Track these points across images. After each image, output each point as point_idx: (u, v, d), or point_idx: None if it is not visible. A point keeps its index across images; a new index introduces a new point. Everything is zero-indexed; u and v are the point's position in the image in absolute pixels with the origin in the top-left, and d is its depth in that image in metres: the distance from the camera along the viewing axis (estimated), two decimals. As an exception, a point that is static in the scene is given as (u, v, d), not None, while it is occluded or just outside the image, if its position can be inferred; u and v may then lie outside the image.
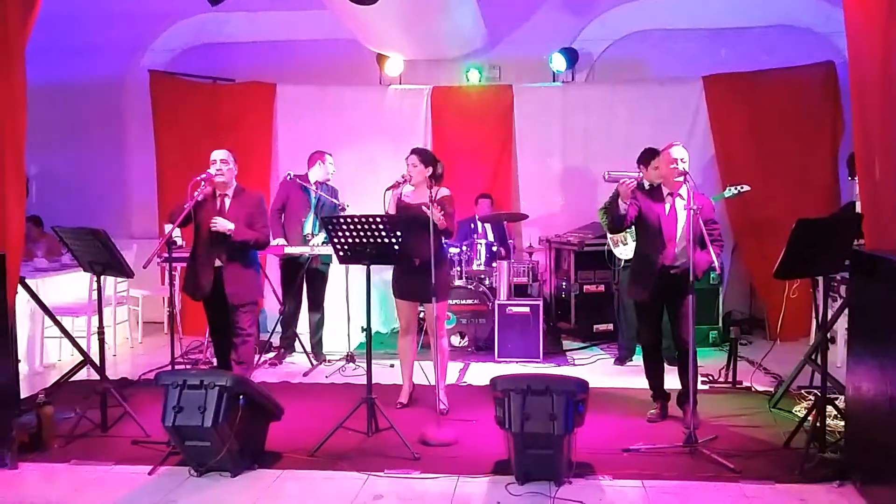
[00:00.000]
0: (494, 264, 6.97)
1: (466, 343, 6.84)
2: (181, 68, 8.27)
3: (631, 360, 6.40)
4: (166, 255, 4.87)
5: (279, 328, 6.72)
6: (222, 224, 4.84)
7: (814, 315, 6.13)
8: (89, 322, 6.36)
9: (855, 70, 4.45)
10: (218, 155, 4.94)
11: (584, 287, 7.29)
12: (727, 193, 6.51)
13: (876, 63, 4.14)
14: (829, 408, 4.26)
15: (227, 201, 4.96)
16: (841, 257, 4.16)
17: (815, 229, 4.08)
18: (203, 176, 4.79)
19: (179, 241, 5.69)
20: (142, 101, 8.06)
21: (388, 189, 4.93)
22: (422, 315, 5.67)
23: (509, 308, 6.54)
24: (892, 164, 3.96)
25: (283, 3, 7.83)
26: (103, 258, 4.65)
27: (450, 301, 6.39)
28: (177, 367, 4.99)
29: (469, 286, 6.85)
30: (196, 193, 4.75)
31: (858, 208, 4.72)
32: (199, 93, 7.95)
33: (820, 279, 4.80)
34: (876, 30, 4.11)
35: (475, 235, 7.30)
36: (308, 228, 6.39)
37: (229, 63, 8.24)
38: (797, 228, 4.00)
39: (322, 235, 6.29)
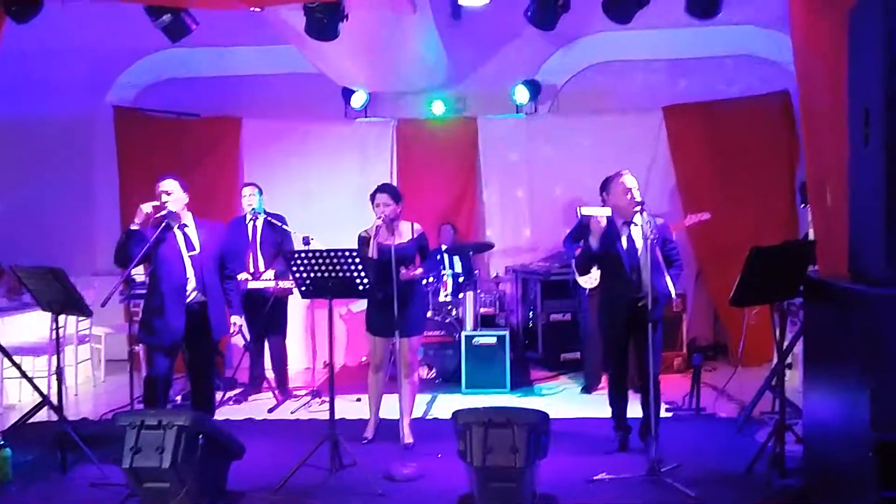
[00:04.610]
0: (461, 295, 6.98)
1: (434, 375, 6.83)
2: (146, 104, 8.26)
3: (597, 389, 6.42)
4: (127, 292, 4.82)
5: (244, 364, 6.67)
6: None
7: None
8: (49, 362, 6.25)
9: (804, 99, 4.57)
10: (162, 186, 4.77)
11: (551, 316, 7.33)
12: None
13: (825, 93, 4.25)
14: (790, 433, 4.32)
15: (192, 232, 4.83)
16: (795, 284, 4.24)
17: (769, 257, 4.16)
18: (163, 213, 4.74)
19: (140, 279, 5.64)
20: (107, 136, 8.02)
21: (364, 235, 5.00)
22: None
23: (476, 339, 6.54)
24: (842, 192, 4.05)
25: (247, 38, 7.85)
26: (62, 297, 4.60)
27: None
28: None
29: (436, 317, 6.85)
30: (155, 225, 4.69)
31: (811, 235, 4.83)
32: (164, 128, 7.93)
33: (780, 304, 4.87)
34: (824, 60, 4.22)
35: (441, 267, 7.32)
36: (251, 266, 6.37)
37: (195, 98, 8.23)
38: (751, 256, 4.09)
39: (272, 270, 6.31)
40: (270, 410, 6.11)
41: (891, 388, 3.20)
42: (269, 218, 6.45)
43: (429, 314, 6.77)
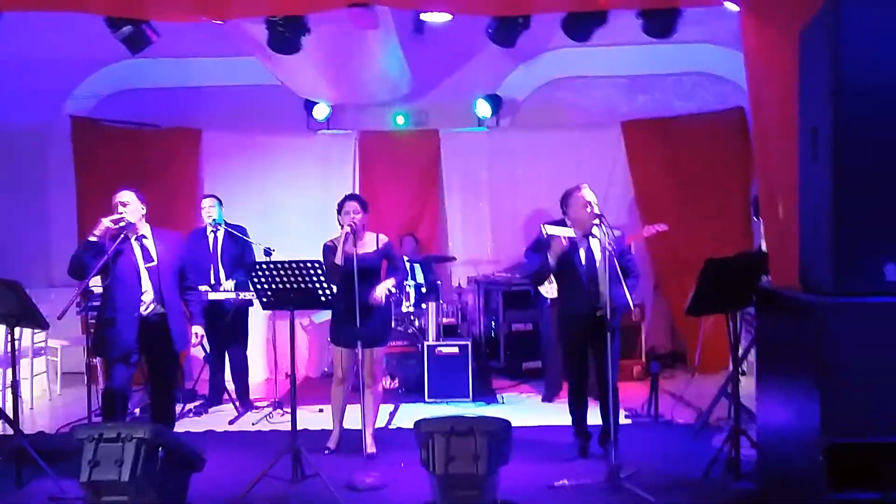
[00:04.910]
0: (424, 306, 7.02)
1: (397, 385, 6.85)
2: (105, 114, 8.14)
3: (558, 397, 6.50)
4: (84, 304, 4.77)
5: (204, 376, 6.62)
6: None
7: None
8: (4, 375, 6.14)
9: (757, 116, 4.71)
10: (118, 197, 4.74)
11: (513, 326, 7.41)
12: None
13: (776, 110, 4.39)
14: (745, 438, 4.44)
15: (149, 244, 4.80)
16: (748, 294, 4.36)
17: (723, 268, 4.28)
18: (121, 225, 4.70)
19: (97, 290, 5.57)
20: (64, 147, 7.89)
21: (330, 244, 5.03)
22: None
23: (438, 349, 6.59)
24: (793, 206, 4.18)
25: (208, 49, 7.81)
26: (17, 310, 4.54)
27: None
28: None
29: (399, 328, 6.86)
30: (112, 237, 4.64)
31: (763, 247, 4.97)
32: (123, 139, 7.84)
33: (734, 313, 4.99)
34: (775, 78, 4.36)
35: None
36: (212, 278, 6.32)
37: (154, 109, 8.15)
38: (706, 268, 4.21)
39: (232, 281, 6.28)
40: (231, 422, 6.07)
41: (840, 393, 3.32)
42: (229, 229, 6.43)
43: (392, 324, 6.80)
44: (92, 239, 4.58)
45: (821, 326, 3.36)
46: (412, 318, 7.07)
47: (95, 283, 5.06)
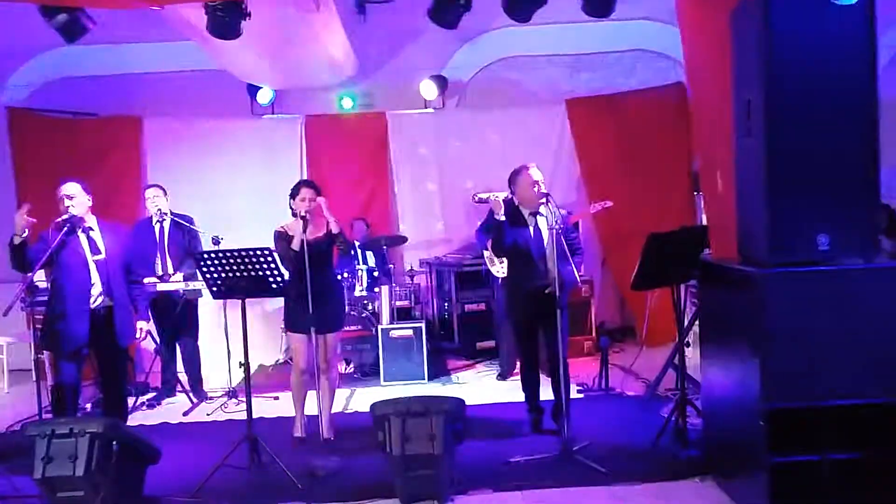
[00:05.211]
0: (376, 289, 7.04)
1: (352, 369, 6.88)
2: (41, 104, 7.93)
3: (512, 374, 6.60)
4: (29, 299, 4.69)
5: (156, 368, 6.55)
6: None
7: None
8: (-52, 375, 6.00)
9: (694, 91, 4.82)
10: (63, 190, 4.72)
11: (466, 306, 7.48)
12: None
13: (713, 84, 4.48)
14: (692, 408, 4.59)
15: (97, 236, 4.75)
16: (691, 267, 4.48)
17: (666, 242, 4.40)
18: (66, 217, 4.64)
19: (43, 285, 5.47)
20: (1, 139, 7.68)
21: (280, 230, 4.98)
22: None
23: (392, 332, 6.63)
24: (731, 178, 4.30)
25: (146, 35, 7.63)
26: (-41, 308, 4.44)
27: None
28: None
29: (352, 312, 6.88)
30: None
31: (704, 221, 5.11)
32: (61, 129, 7.64)
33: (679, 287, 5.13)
34: (711, 53, 4.45)
35: (355, 262, 7.34)
36: (159, 269, 6.23)
37: (92, 97, 7.94)
38: (648, 243, 4.31)
39: (181, 274, 6.21)
40: (185, 413, 6.03)
41: (778, 360, 3.46)
42: (176, 219, 6.33)
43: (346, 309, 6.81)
44: (17, 241, 4.49)
45: (758, 296, 3.49)
46: (365, 302, 7.09)
47: (40, 279, 4.97)
